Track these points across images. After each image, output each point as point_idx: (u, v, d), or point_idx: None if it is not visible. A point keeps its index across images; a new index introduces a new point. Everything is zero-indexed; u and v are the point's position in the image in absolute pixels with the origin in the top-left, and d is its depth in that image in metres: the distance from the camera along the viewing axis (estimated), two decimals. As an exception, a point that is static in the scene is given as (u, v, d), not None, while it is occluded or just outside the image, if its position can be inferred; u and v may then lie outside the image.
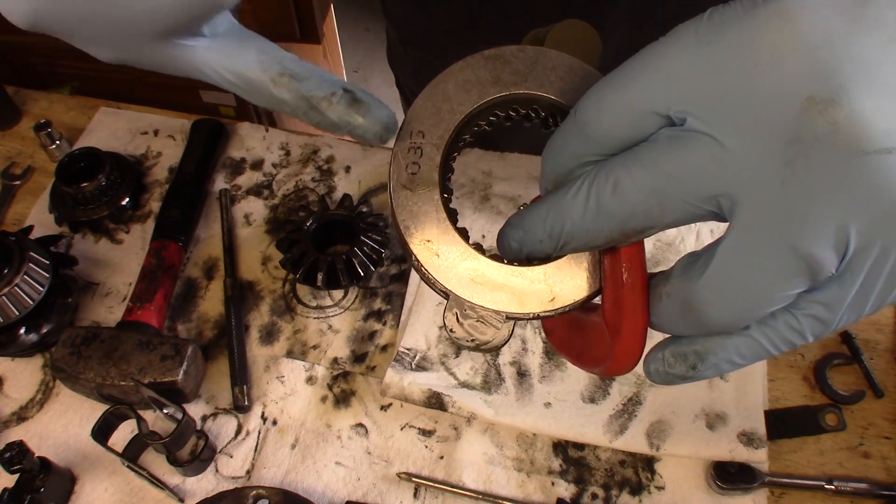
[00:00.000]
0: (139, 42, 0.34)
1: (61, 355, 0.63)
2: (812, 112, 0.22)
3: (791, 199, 0.23)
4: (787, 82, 0.23)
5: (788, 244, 0.24)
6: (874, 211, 0.23)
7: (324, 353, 0.70)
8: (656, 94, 0.26)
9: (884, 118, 0.22)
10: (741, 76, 0.24)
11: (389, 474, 0.63)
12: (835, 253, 0.24)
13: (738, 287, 0.25)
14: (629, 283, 0.28)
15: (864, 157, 0.22)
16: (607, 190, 0.27)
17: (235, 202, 0.81)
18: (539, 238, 0.30)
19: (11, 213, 0.81)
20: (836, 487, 0.60)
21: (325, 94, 0.34)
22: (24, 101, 0.91)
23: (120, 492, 0.62)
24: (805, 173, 0.23)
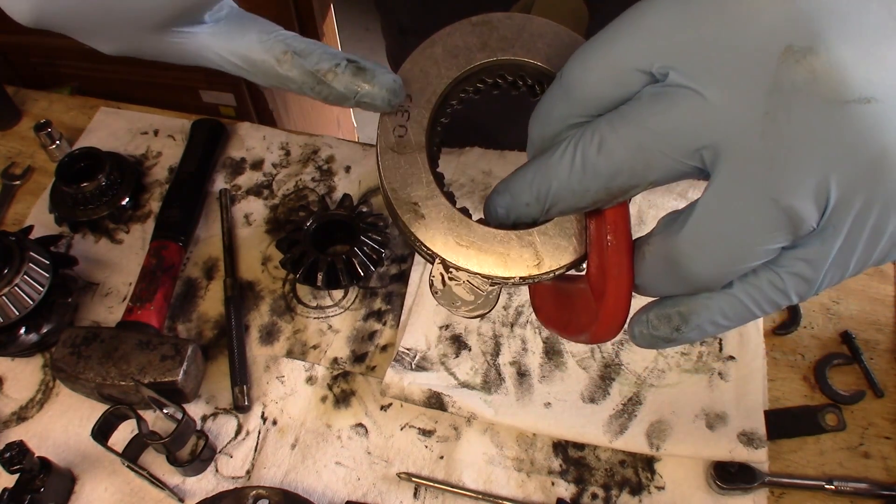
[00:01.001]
0: (141, 33, 0.34)
1: (61, 355, 0.63)
2: (790, 61, 0.22)
3: (771, 150, 0.23)
4: (765, 32, 0.23)
5: (768, 195, 0.24)
6: (854, 163, 0.22)
7: (324, 353, 0.70)
8: (639, 52, 0.26)
9: (862, 67, 0.22)
10: (721, 29, 0.24)
11: (389, 474, 0.63)
12: (815, 206, 0.23)
13: (719, 239, 0.25)
14: (613, 244, 0.28)
15: (843, 106, 0.22)
16: (593, 148, 0.27)
17: (235, 202, 0.81)
18: (525, 201, 0.29)
19: (11, 213, 0.81)
20: (836, 487, 0.60)
21: (330, 66, 0.34)
22: (24, 101, 0.91)
23: (120, 492, 0.62)
24: (785, 124, 0.23)
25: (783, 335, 0.70)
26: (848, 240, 0.24)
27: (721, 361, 0.67)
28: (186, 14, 0.33)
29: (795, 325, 0.70)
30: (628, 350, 0.68)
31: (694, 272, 0.26)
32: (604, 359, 0.68)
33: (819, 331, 0.70)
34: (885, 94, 0.22)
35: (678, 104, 0.25)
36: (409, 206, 0.30)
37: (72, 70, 1.70)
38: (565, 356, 0.68)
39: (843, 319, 0.71)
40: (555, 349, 0.68)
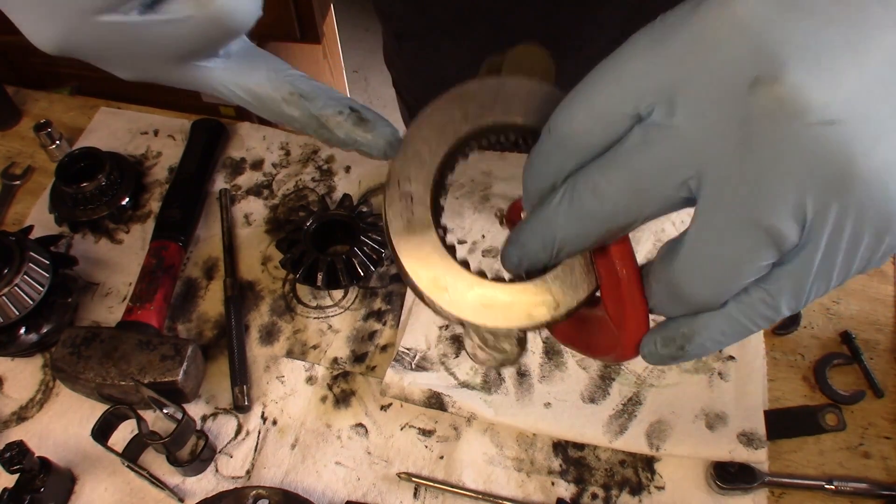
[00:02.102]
0: (160, 65, 0.36)
1: (61, 355, 0.63)
2: (759, 91, 0.24)
3: (749, 175, 0.25)
4: (734, 66, 0.25)
5: (750, 217, 0.25)
6: (824, 180, 0.24)
7: (324, 353, 0.70)
8: (620, 98, 0.27)
9: (822, 92, 0.23)
10: (694, 66, 0.26)
11: (389, 474, 0.63)
12: (795, 223, 0.25)
13: (710, 263, 0.27)
14: (624, 277, 0.30)
15: (808, 129, 0.24)
16: (588, 195, 0.29)
17: (235, 202, 0.81)
18: (535, 250, 0.32)
19: (11, 213, 0.81)
20: (836, 487, 0.60)
21: (333, 112, 0.36)
22: (24, 101, 0.91)
23: (120, 492, 0.62)
24: (759, 149, 0.25)
25: (783, 335, 0.70)
26: (828, 251, 0.26)
27: (721, 361, 0.67)
28: (205, 50, 0.35)
29: (795, 325, 0.70)
30: (628, 350, 0.68)
31: (692, 295, 0.28)
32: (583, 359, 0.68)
33: (819, 331, 0.70)
34: (845, 114, 0.24)
35: (662, 142, 0.27)
36: (432, 283, 0.32)
37: (72, 70, 1.70)
38: (565, 356, 0.68)
39: (843, 319, 0.71)
40: (555, 349, 0.68)
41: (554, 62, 0.35)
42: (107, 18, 0.33)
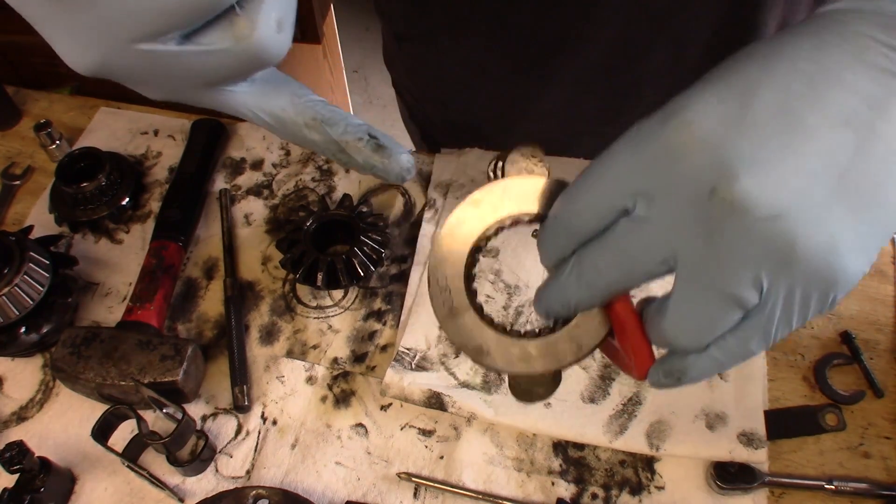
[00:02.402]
0: (190, 89, 0.39)
1: (61, 355, 0.63)
2: (716, 197, 0.30)
3: (713, 256, 0.31)
4: (696, 176, 0.31)
5: (718, 287, 0.32)
6: (774, 260, 0.30)
7: (324, 353, 0.70)
8: (608, 195, 0.34)
9: (767, 194, 0.30)
10: (664, 173, 0.32)
11: (389, 474, 0.63)
12: (755, 290, 0.31)
13: (689, 320, 0.34)
14: (629, 327, 0.37)
15: (757, 222, 0.30)
16: (590, 270, 0.35)
17: (235, 202, 0.81)
18: (556, 308, 0.38)
19: (11, 213, 0.81)
20: (836, 487, 0.60)
21: (353, 138, 0.40)
22: (24, 101, 0.91)
23: (120, 492, 0.62)
24: (720, 238, 0.31)
25: (783, 335, 0.70)
26: (785, 307, 0.32)
27: (721, 361, 0.67)
28: (236, 78, 0.38)
29: (795, 325, 0.70)
30: (628, 350, 0.68)
31: (678, 343, 0.35)
32: (604, 359, 0.68)
33: (819, 331, 0.70)
34: (787, 209, 0.30)
35: (643, 230, 0.33)
36: (478, 352, 0.40)
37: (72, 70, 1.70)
38: (565, 356, 0.68)
39: (843, 319, 0.71)
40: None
41: (547, 165, 0.43)
42: (146, 47, 0.35)
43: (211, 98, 0.39)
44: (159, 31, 0.34)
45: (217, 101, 0.39)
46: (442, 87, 0.83)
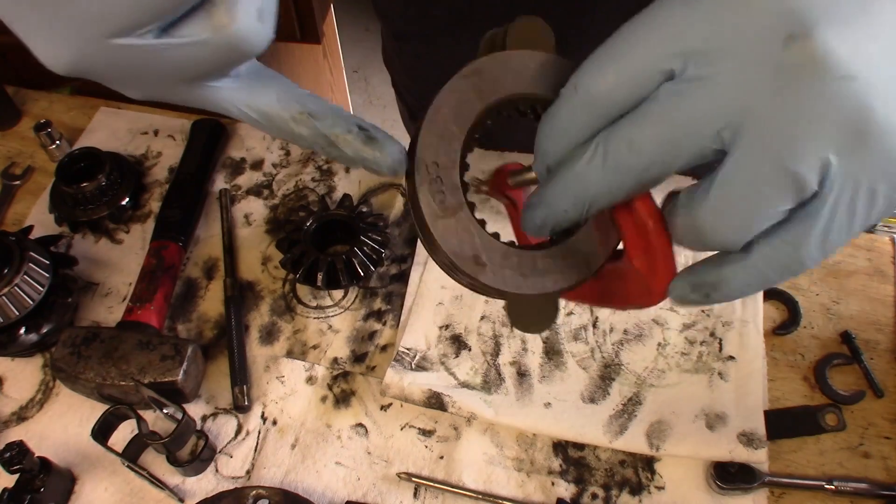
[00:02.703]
0: (171, 86, 0.37)
1: (61, 355, 0.63)
2: (792, 46, 0.26)
3: (780, 122, 0.27)
4: (769, 23, 0.27)
5: (779, 163, 0.27)
6: (844, 133, 0.27)
7: (324, 353, 0.70)
8: (654, 54, 0.29)
9: (846, 51, 0.26)
10: (730, 23, 0.28)
11: (389, 474, 0.63)
12: (817, 172, 0.27)
13: (737, 206, 0.29)
14: (652, 228, 0.31)
15: (832, 83, 0.26)
16: (623, 149, 0.30)
17: (235, 202, 0.81)
18: (563, 209, 0.33)
19: (11, 213, 0.81)
20: (836, 487, 0.60)
21: (342, 131, 0.37)
22: (24, 101, 0.91)
23: (120, 492, 0.62)
24: (791, 99, 0.27)
25: (783, 335, 0.70)
26: (848, 199, 0.28)
27: (721, 361, 0.67)
28: (218, 72, 0.36)
29: (795, 325, 0.70)
30: (628, 350, 0.68)
31: (718, 238, 0.30)
32: (604, 359, 0.68)
33: (819, 331, 0.70)
34: (864, 71, 0.26)
35: (697, 94, 0.28)
36: (470, 261, 0.33)
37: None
38: (565, 356, 0.68)
39: (843, 319, 0.71)
40: (555, 349, 0.68)
41: (553, 35, 0.36)
42: (122, 41, 0.33)
43: (194, 95, 0.37)
44: (135, 24, 0.32)
45: (201, 98, 0.37)
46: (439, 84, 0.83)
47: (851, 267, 0.74)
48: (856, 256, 0.75)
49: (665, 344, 0.68)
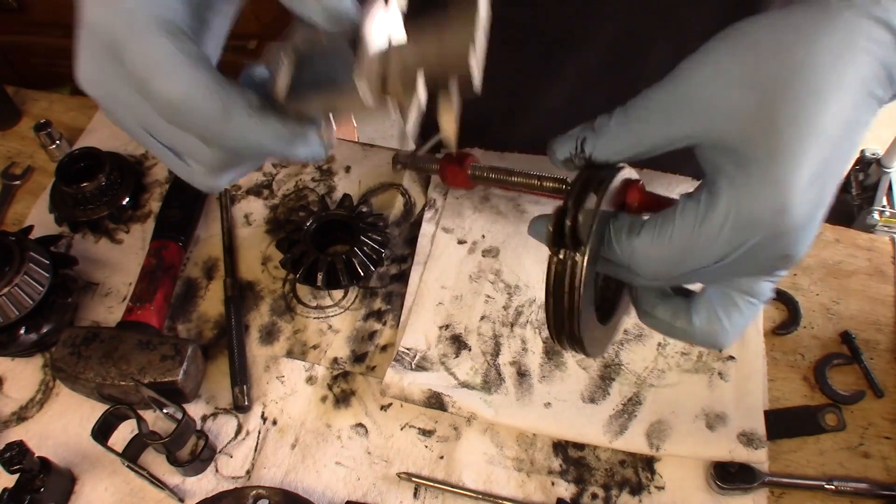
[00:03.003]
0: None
1: (61, 355, 0.63)
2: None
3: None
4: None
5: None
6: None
7: (324, 353, 0.70)
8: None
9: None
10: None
11: (389, 474, 0.63)
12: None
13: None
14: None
15: None
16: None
17: (235, 202, 0.81)
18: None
19: (11, 213, 0.81)
20: (836, 487, 0.60)
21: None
22: (24, 101, 0.91)
23: (120, 492, 0.62)
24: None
25: (783, 335, 0.70)
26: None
27: (721, 361, 0.67)
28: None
29: (795, 325, 0.70)
30: (628, 350, 0.68)
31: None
32: (604, 359, 0.68)
33: (819, 331, 0.70)
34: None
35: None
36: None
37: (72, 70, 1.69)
38: (565, 356, 0.68)
39: (843, 319, 0.71)
40: (555, 349, 0.68)
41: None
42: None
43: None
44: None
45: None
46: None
47: (851, 267, 0.74)
48: (856, 256, 0.75)
49: (665, 344, 0.68)
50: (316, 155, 0.40)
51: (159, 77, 0.35)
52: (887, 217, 1.98)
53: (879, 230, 1.98)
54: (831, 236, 0.76)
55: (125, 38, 0.35)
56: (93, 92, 0.40)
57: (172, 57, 0.35)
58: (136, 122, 0.39)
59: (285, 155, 0.39)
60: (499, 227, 0.76)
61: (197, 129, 0.37)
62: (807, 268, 0.74)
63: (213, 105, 0.35)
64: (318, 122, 0.40)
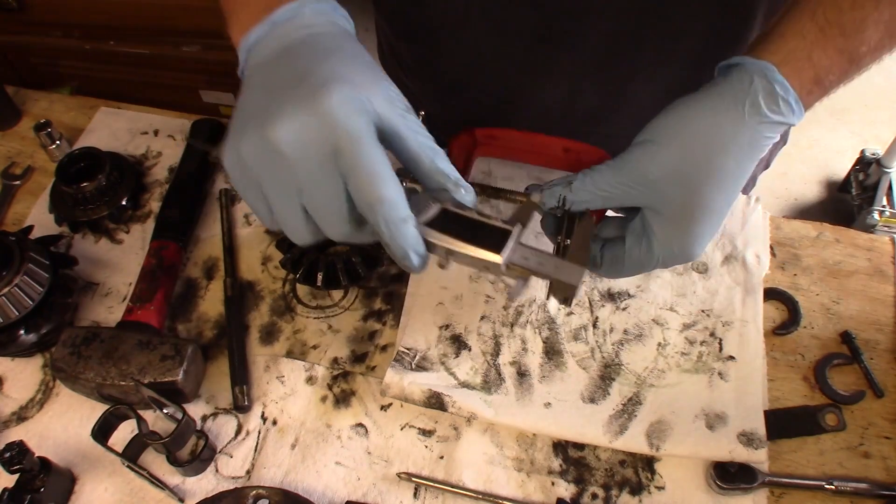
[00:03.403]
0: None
1: (61, 355, 0.63)
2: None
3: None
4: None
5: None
6: None
7: (324, 353, 0.70)
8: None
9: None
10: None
11: (389, 474, 0.63)
12: None
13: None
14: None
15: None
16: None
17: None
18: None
19: (11, 213, 0.81)
20: (836, 487, 0.60)
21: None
22: (24, 101, 0.91)
23: (120, 492, 0.62)
24: None
25: (783, 335, 0.70)
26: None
27: (721, 361, 0.67)
28: None
29: (795, 325, 0.70)
30: (628, 350, 0.68)
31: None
32: (604, 359, 0.68)
33: (819, 331, 0.70)
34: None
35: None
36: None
37: (72, 70, 1.70)
38: (565, 356, 0.68)
39: (843, 319, 0.71)
40: (555, 349, 0.68)
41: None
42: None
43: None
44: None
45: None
46: (442, 84, 0.83)
47: (851, 267, 0.74)
48: (856, 256, 0.75)
49: (665, 344, 0.68)
50: (414, 270, 0.49)
51: (379, 181, 0.45)
52: (887, 217, 1.99)
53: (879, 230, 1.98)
54: (831, 236, 0.76)
55: (350, 145, 0.44)
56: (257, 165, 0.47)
57: (386, 167, 0.45)
58: (286, 195, 0.47)
59: (406, 261, 0.48)
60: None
61: (378, 220, 0.45)
62: (807, 268, 0.74)
63: (404, 211, 0.46)
64: (434, 252, 0.51)
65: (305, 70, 0.47)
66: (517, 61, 0.73)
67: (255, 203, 0.49)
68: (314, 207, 0.47)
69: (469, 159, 0.63)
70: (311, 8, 0.50)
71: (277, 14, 0.49)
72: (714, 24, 0.66)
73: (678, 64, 0.69)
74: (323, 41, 0.49)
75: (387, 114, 0.47)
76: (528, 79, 0.75)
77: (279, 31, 0.49)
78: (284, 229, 0.50)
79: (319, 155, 0.44)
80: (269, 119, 0.44)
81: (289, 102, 0.44)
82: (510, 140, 0.64)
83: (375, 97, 0.46)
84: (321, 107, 0.44)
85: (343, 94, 0.44)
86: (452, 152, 0.64)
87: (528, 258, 0.51)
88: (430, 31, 0.76)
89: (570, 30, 0.67)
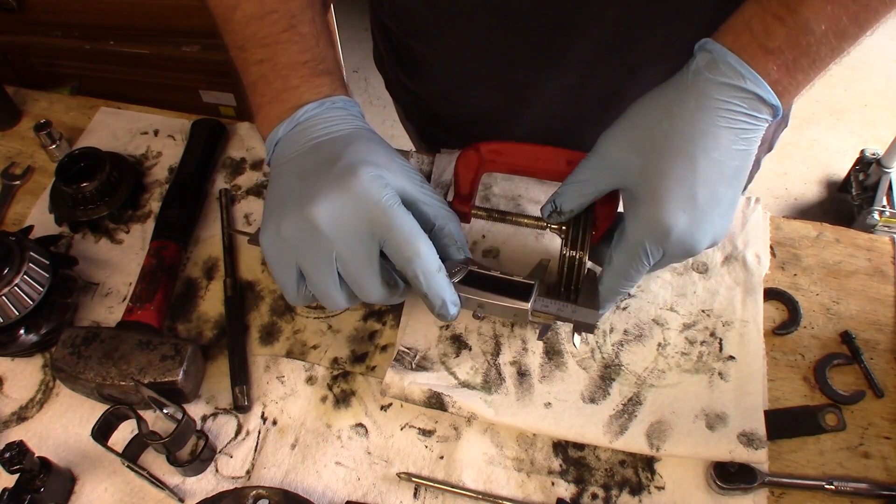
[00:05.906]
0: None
1: (61, 355, 0.63)
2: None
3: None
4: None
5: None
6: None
7: (324, 353, 0.70)
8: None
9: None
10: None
11: (389, 474, 0.63)
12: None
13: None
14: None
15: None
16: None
17: (235, 202, 0.81)
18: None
19: (11, 213, 0.81)
20: (836, 487, 0.60)
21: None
22: (24, 101, 0.91)
23: (120, 492, 0.62)
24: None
25: (783, 335, 0.70)
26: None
27: (721, 361, 0.67)
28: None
29: (795, 325, 0.70)
30: (628, 350, 0.68)
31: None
32: (604, 359, 0.68)
33: (819, 331, 0.70)
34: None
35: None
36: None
37: (72, 70, 1.70)
38: (565, 356, 0.68)
39: (843, 319, 0.71)
40: (555, 349, 0.68)
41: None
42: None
43: None
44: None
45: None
46: (446, 81, 0.83)
47: (851, 267, 0.74)
48: (856, 256, 0.75)
49: (665, 344, 0.68)
50: (450, 318, 0.57)
51: (413, 238, 0.52)
52: (887, 217, 1.99)
53: (879, 230, 1.98)
54: (831, 236, 0.76)
55: (382, 213, 0.52)
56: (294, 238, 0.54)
57: (417, 226, 0.53)
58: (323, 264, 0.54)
59: (443, 309, 0.56)
60: (499, 228, 0.76)
61: (416, 272, 0.53)
62: (807, 268, 0.74)
63: (437, 263, 0.54)
64: (466, 307, 0.59)
65: (332, 157, 0.55)
66: (523, 53, 0.73)
67: (285, 277, 0.56)
68: (350, 274, 0.54)
69: (475, 178, 0.67)
70: (330, 107, 0.59)
71: (301, 113, 0.58)
72: (721, 5, 0.66)
73: (686, 47, 0.69)
74: (343, 133, 0.58)
75: (406, 186, 0.56)
76: (536, 71, 0.75)
77: (302, 127, 0.58)
78: (319, 296, 0.56)
79: (355, 227, 0.52)
80: (306, 200, 0.52)
81: (324, 185, 0.52)
82: (515, 155, 0.67)
83: (396, 173, 0.55)
84: (353, 186, 0.52)
85: (369, 173, 0.52)
86: (458, 170, 0.66)
87: (548, 305, 0.60)
88: (439, 27, 0.76)
89: (578, 21, 0.67)
